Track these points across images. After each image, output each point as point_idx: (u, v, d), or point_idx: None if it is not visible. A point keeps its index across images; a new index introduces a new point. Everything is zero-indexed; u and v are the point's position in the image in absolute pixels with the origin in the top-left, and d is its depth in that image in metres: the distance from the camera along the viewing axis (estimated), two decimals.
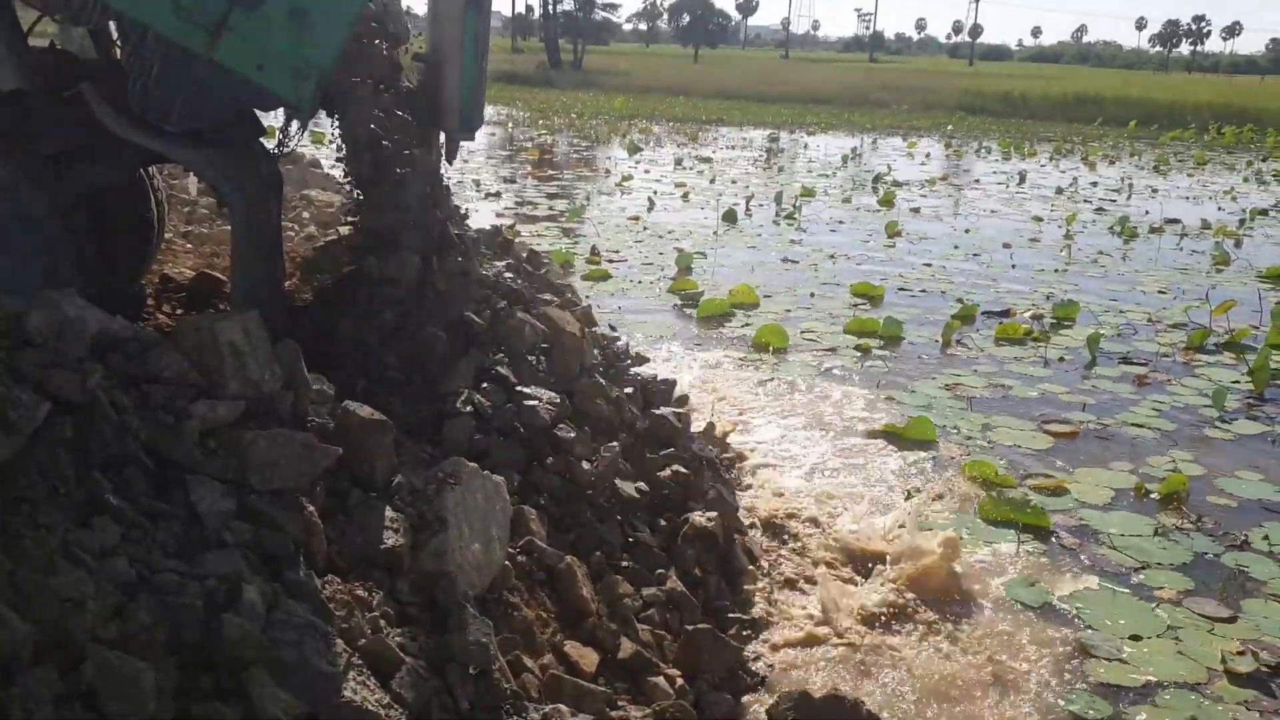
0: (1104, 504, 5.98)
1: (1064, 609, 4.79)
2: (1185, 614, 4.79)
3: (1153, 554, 5.38)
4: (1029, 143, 33.15)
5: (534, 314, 5.12)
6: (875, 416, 7.16)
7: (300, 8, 3.77)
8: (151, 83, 3.91)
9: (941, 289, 11.50)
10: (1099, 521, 5.74)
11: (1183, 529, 5.70)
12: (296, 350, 3.34)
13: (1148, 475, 6.37)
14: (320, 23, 3.83)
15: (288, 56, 3.82)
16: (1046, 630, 4.59)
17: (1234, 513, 5.93)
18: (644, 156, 24.47)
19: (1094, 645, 4.48)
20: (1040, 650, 4.43)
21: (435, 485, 3.53)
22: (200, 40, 3.73)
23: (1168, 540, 5.54)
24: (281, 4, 3.75)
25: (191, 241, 7.50)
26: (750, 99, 49.14)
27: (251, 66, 3.80)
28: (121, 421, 2.69)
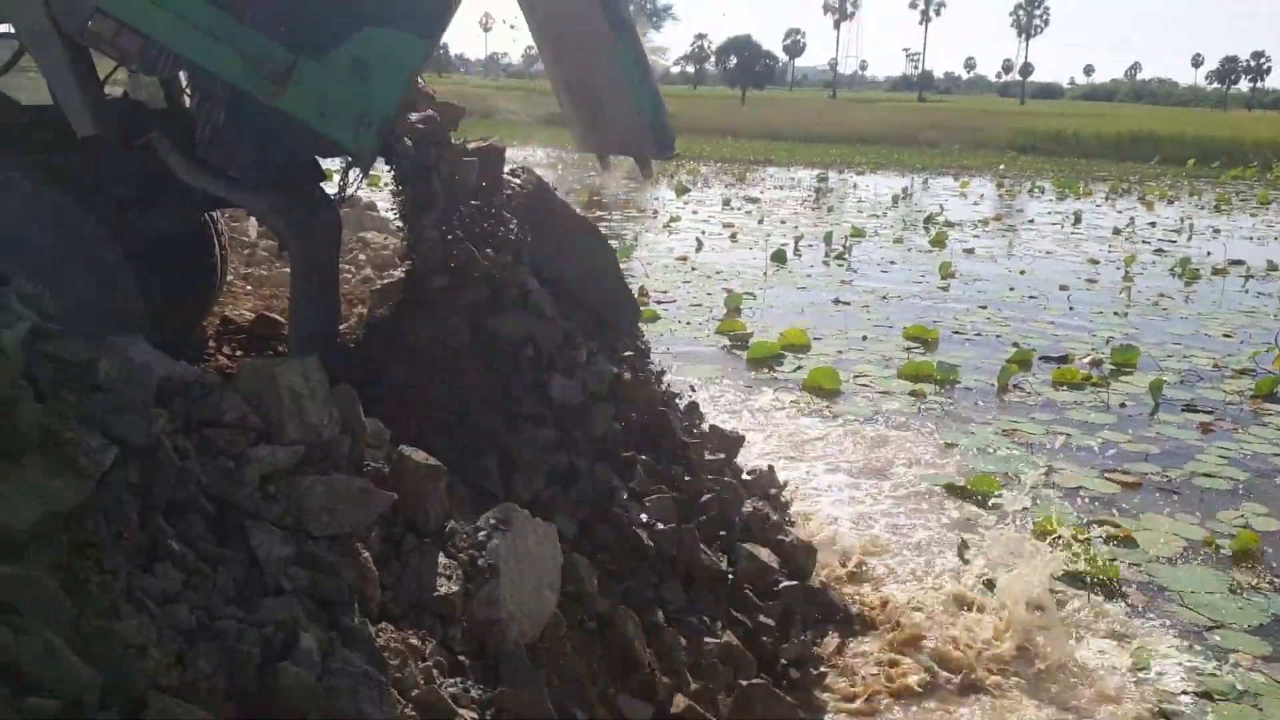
0: (1174, 558, 5.82)
1: (1138, 669, 4.65)
2: (1266, 680, 4.62)
3: (1227, 613, 5.21)
4: (1083, 182, 32.77)
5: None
6: (937, 463, 7.05)
7: (362, 58, 3.86)
8: (218, 130, 4.01)
9: (997, 332, 11.34)
10: (1169, 577, 5.58)
11: (1258, 588, 5.51)
12: (353, 395, 3.37)
13: (1218, 530, 6.20)
14: (381, 73, 3.92)
15: (350, 106, 3.92)
16: (1123, 691, 4.45)
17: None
18: (692, 197, 24.59)
19: (1174, 711, 4.34)
20: (1117, 712, 4.30)
21: (487, 531, 3.53)
22: (266, 89, 3.84)
23: (1243, 599, 5.37)
24: (344, 55, 3.85)
25: (251, 283, 7.63)
26: (798, 139, 49.25)
27: (315, 114, 3.89)
28: (184, 466, 2.72)
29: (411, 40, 4.02)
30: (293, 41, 3.85)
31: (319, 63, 3.88)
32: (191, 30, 3.73)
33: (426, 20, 4.03)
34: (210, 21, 3.74)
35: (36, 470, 2.27)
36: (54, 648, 2.03)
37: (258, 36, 3.81)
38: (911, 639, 4.68)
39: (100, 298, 4.06)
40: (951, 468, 6.98)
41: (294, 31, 3.86)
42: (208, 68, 3.82)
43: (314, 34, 3.89)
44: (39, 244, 4.01)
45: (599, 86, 5.11)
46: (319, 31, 3.90)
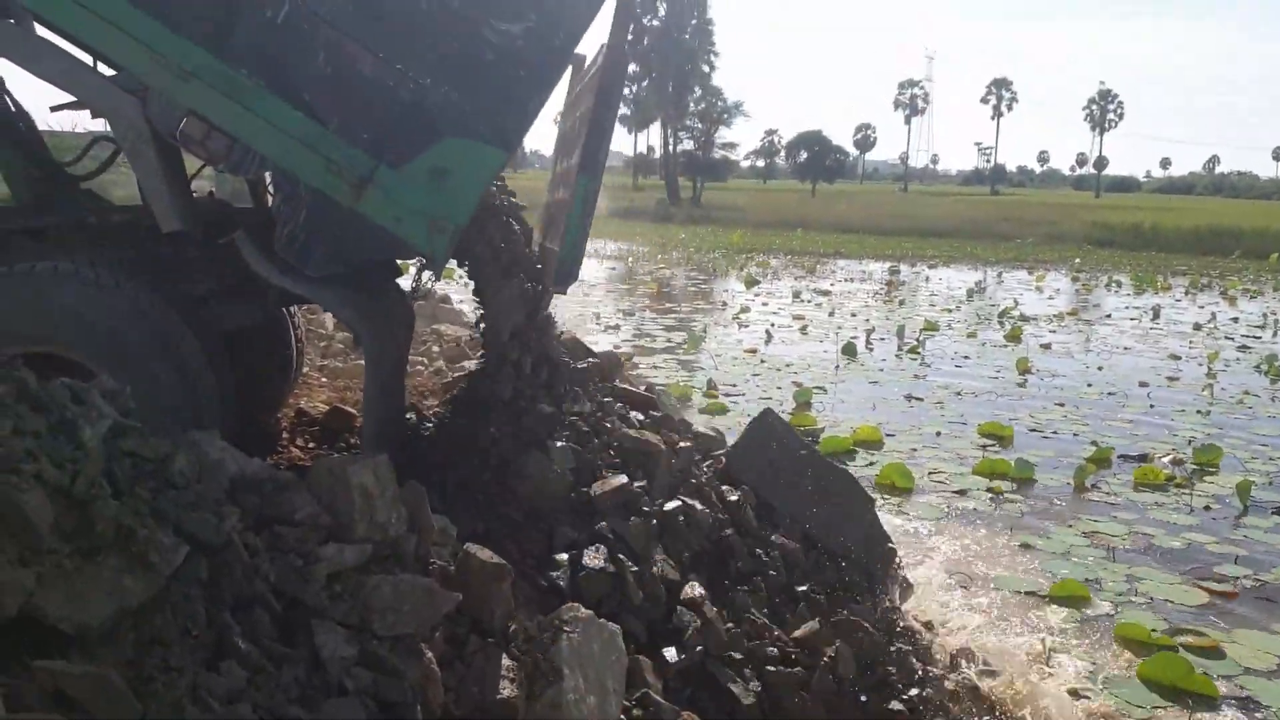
0: (1270, 671, 5.51)
1: None
2: None
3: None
4: (1162, 276, 32.16)
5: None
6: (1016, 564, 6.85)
7: (440, 167, 3.99)
8: (298, 229, 4.15)
9: (1074, 430, 11.06)
10: (1266, 691, 5.28)
11: None
12: (422, 492, 3.40)
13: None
14: (457, 181, 4.05)
15: (425, 211, 4.04)
16: None
17: None
18: (761, 289, 24.67)
19: None
20: None
21: (551, 633, 3.48)
22: (346, 193, 3.98)
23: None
24: (424, 163, 3.99)
25: (326, 375, 7.80)
26: (868, 232, 49.31)
27: (391, 218, 4.02)
28: (253, 563, 2.75)
29: (490, 151, 4.15)
30: (374, 148, 4.00)
31: (398, 170, 4.02)
32: (278, 134, 3.90)
33: (505, 132, 4.16)
34: (296, 127, 3.90)
35: (111, 568, 2.31)
36: None
37: (341, 142, 3.96)
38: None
39: (179, 391, 4.17)
40: (1032, 570, 6.76)
41: (376, 139, 4.01)
42: (291, 171, 3.98)
43: (396, 142, 4.04)
44: (122, 338, 4.15)
45: (557, 203, 5.30)
46: (401, 140, 4.05)
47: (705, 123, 72.27)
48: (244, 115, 3.87)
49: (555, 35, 4.20)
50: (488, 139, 4.12)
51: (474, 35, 4.08)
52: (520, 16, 4.10)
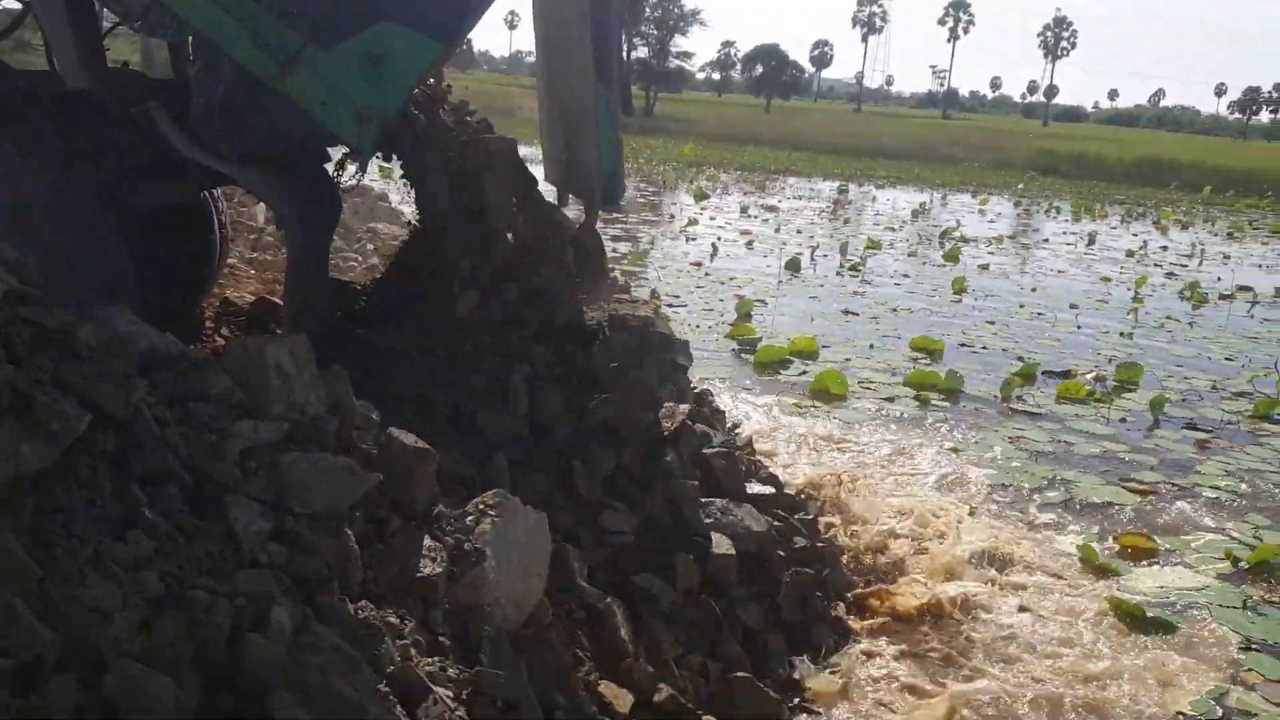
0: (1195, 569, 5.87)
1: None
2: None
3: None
4: (1100, 205, 32.62)
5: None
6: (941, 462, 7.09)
7: (374, 54, 3.84)
8: (216, 104, 3.98)
9: (1003, 347, 11.29)
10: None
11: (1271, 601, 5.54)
12: (344, 376, 3.35)
13: (1233, 542, 6.27)
14: (391, 71, 3.90)
15: (354, 99, 3.89)
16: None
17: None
18: (710, 203, 24.54)
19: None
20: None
21: (476, 516, 3.50)
22: (271, 71, 3.82)
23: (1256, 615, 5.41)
24: (357, 48, 3.83)
25: (255, 268, 7.65)
26: (820, 150, 49.11)
27: (316, 103, 3.87)
28: (163, 437, 2.70)
29: (428, 43, 3.99)
30: (305, 27, 3.82)
31: (330, 52, 3.85)
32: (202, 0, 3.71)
33: (447, 26, 4.00)
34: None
35: (7, 434, 2.25)
36: (14, 610, 2.01)
37: (270, 15, 3.78)
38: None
39: (91, 268, 4.04)
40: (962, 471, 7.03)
41: (308, 17, 3.83)
42: (213, 39, 3.80)
43: (329, 22, 3.86)
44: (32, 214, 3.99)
45: (573, 125, 5.18)
46: (334, 20, 3.87)
47: (661, 30, 70.79)
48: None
49: None
50: (427, 30, 3.96)
51: None
52: None
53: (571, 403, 4.61)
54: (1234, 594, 5.59)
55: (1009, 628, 4.92)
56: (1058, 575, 5.58)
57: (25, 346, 2.47)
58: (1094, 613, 5.16)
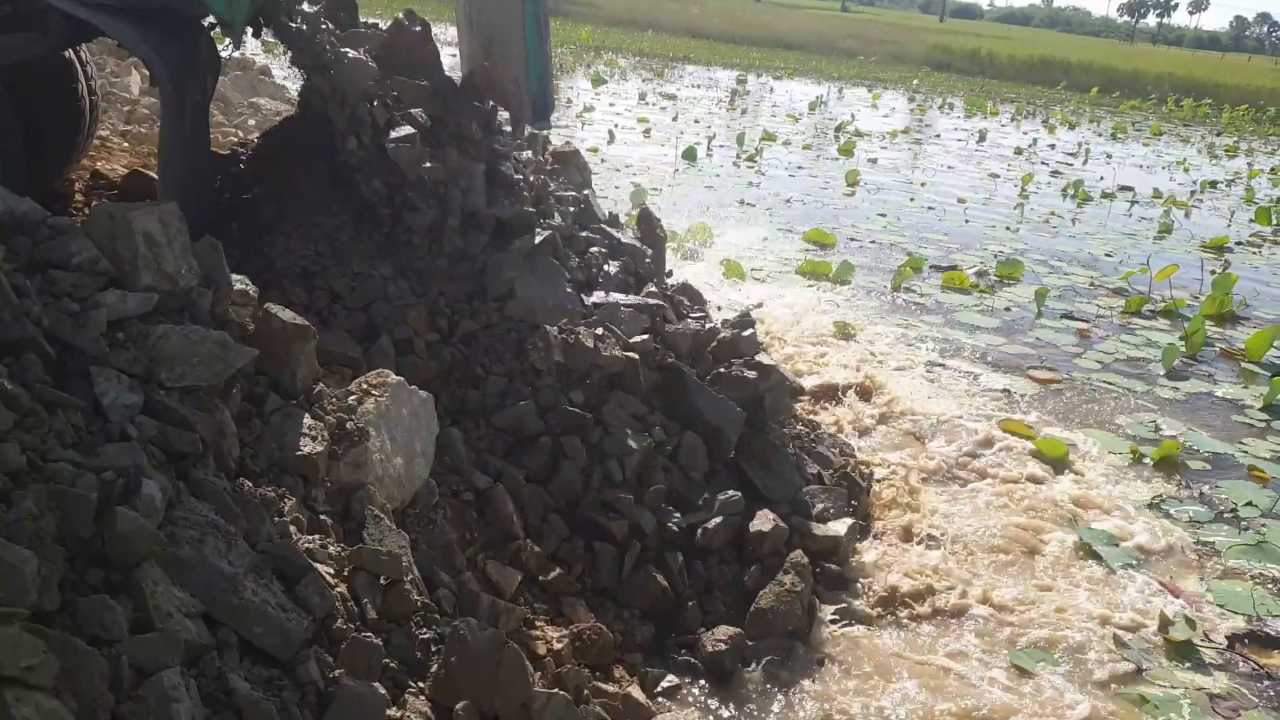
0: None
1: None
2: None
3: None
4: (992, 102, 33.16)
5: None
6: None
7: None
8: None
9: (892, 240, 11.50)
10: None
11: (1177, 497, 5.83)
12: (217, 247, 3.21)
13: (1133, 435, 6.59)
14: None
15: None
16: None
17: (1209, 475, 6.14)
18: (607, 89, 24.09)
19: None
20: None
21: (358, 395, 3.45)
22: None
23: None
24: None
25: (129, 140, 7.23)
26: (719, 39, 48.50)
27: None
28: (22, 305, 2.56)
29: None
30: None
31: None
32: None
33: None
34: None
35: None
36: None
37: None
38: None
39: None
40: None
41: None
42: None
43: None
44: None
45: (496, 26, 5.00)
46: None
47: None
48: None
49: None
50: None
51: None
52: None
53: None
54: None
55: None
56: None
57: None
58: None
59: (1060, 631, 4.31)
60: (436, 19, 30.51)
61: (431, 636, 2.83)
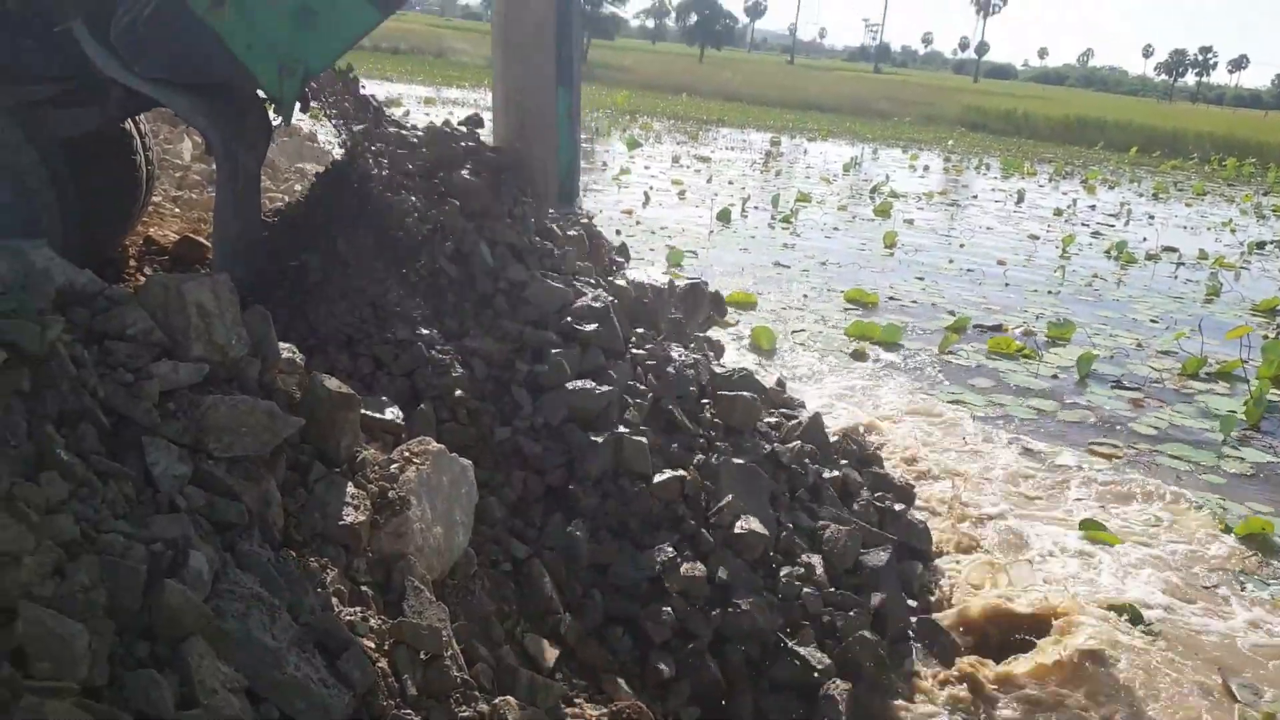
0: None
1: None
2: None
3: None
4: (1029, 162, 33.17)
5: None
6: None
7: (310, 8, 3.74)
8: (139, 21, 3.83)
9: (933, 301, 11.47)
10: None
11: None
12: (266, 316, 3.26)
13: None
14: (325, 28, 3.82)
15: (280, 48, 3.79)
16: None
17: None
18: (643, 152, 24.40)
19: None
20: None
21: (400, 463, 3.46)
22: (202, 1, 3.69)
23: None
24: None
25: (180, 206, 7.40)
26: (753, 102, 49.06)
27: (242, 44, 3.75)
28: (80, 376, 2.61)
29: (367, 8, 3.92)
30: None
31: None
32: None
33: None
34: None
35: None
36: None
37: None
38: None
39: (15, 206, 3.89)
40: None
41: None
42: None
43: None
44: None
45: (530, 112, 5.18)
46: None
47: None
48: None
49: None
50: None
51: None
52: None
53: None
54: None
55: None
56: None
57: None
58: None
59: None
60: (460, 82, 30.98)
61: (471, 715, 2.80)
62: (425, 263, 4.67)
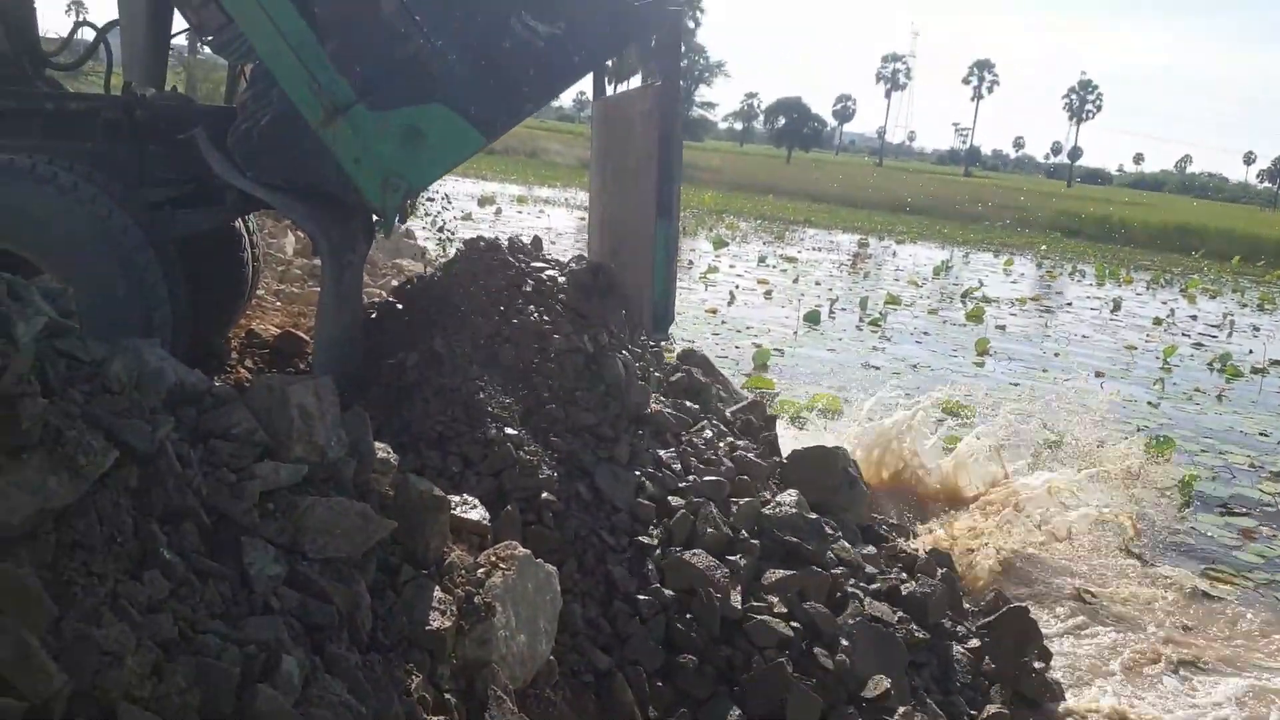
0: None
1: None
2: None
3: None
4: (1126, 270, 32.50)
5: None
6: None
7: (418, 128, 3.93)
8: (255, 130, 4.06)
9: (1028, 412, 11.18)
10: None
11: None
12: (364, 418, 3.35)
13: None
14: (430, 148, 4.01)
15: (386, 165, 3.98)
16: None
17: None
18: (729, 251, 24.62)
19: None
20: None
21: (487, 568, 3.47)
22: (317, 115, 3.90)
23: None
24: (404, 117, 3.94)
25: (282, 300, 7.69)
26: (840, 203, 49.27)
27: (350, 158, 3.95)
28: (185, 475, 2.69)
29: (472, 133, 4.11)
30: (361, 85, 3.92)
31: (377, 114, 3.96)
32: (274, 32, 3.82)
33: (493, 121, 4.14)
34: (295, 33, 3.82)
35: (35, 467, 2.25)
36: (29, 649, 1.99)
37: (331, 65, 3.88)
38: None
39: (131, 300, 4.08)
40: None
41: (367, 76, 3.94)
42: (273, 71, 3.89)
43: (385, 86, 3.97)
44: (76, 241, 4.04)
45: (627, 238, 5.33)
46: (391, 86, 3.98)
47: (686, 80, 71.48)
48: (248, 1, 3.79)
49: (577, 51, 4.18)
50: (474, 121, 4.08)
51: (501, 20, 4.04)
52: (552, 20, 4.08)
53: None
54: None
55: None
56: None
57: (60, 380, 2.48)
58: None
59: None
60: (552, 181, 31.48)
61: None
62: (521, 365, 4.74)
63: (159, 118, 4.52)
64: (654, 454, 4.80)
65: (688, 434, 5.10)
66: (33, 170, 4.03)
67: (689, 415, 5.27)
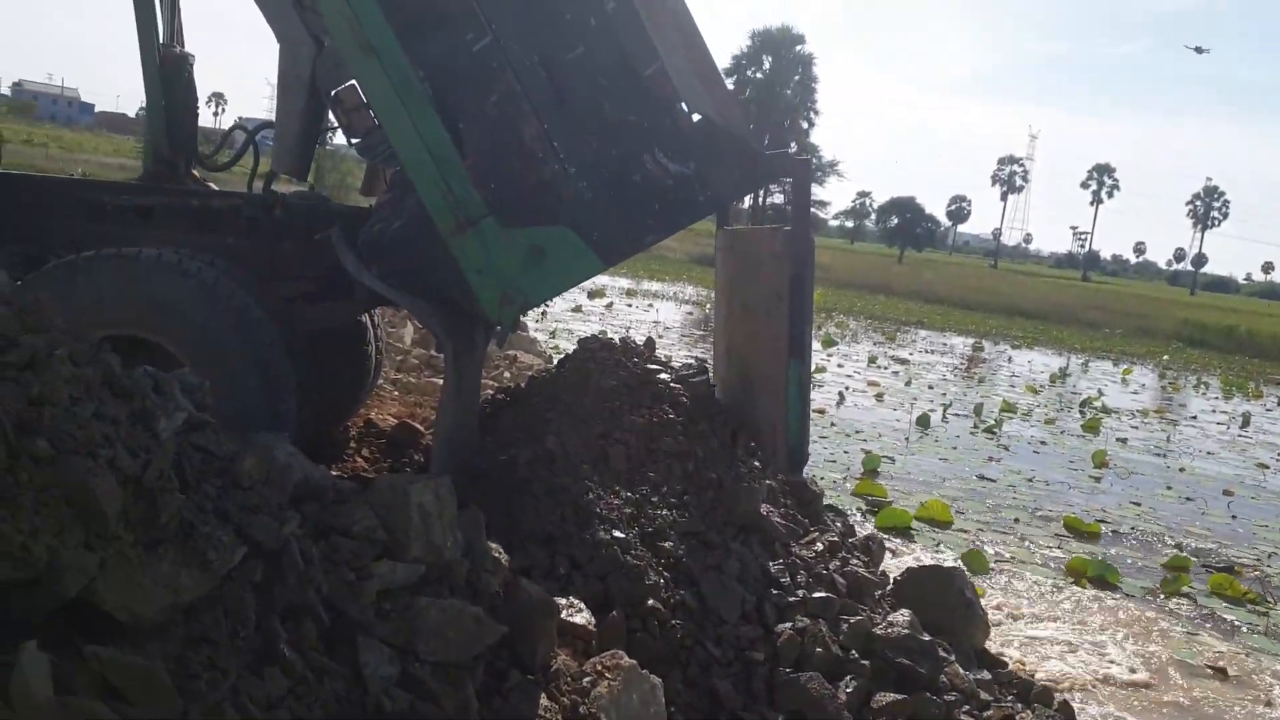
0: None
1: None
2: None
3: None
4: (1254, 383, 31.06)
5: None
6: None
7: (542, 248, 4.09)
8: (386, 231, 4.24)
9: (1152, 531, 10.66)
10: None
11: None
12: (479, 520, 3.39)
13: None
14: (550, 267, 4.17)
15: (507, 279, 4.13)
16: None
17: None
18: (838, 351, 24.40)
19: None
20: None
21: (592, 677, 3.43)
22: (449, 225, 4.07)
23: None
24: (530, 236, 4.11)
25: (399, 389, 7.90)
26: (953, 305, 48.57)
27: (473, 269, 4.11)
28: (308, 572, 2.75)
29: (592, 257, 4.25)
30: (493, 201, 4.11)
31: (505, 230, 4.12)
32: (418, 143, 4.02)
33: (613, 248, 4.31)
34: (438, 146, 4.02)
35: (170, 561, 2.33)
36: None
37: (468, 179, 4.07)
38: None
39: (260, 391, 4.24)
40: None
41: (500, 194, 4.13)
42: (413, 177, 4.08)
43: (517, 205, 4.15)
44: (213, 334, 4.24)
45: (758, 377, 5.42)
46: (521, 206, 4.16)
47: None
48: (398, 110, 4.00)
49: (704, 191, 4.33)
50: (595, 246, 4.23)
51: (635, 155, 4.22)
52: (683, 160, 4.25)
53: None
54: None
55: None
56: None
57: (194, 474, 2.58)
58: None
59: None
60: (661, 275, 31.65)
61: None
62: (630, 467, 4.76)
63: (296, 216, 4.77)
64: (762, 564, 4.72)
65: (797, 545, 5.01)
66: (179, 264, 4.26)
67: (799, 526, 5.18)
